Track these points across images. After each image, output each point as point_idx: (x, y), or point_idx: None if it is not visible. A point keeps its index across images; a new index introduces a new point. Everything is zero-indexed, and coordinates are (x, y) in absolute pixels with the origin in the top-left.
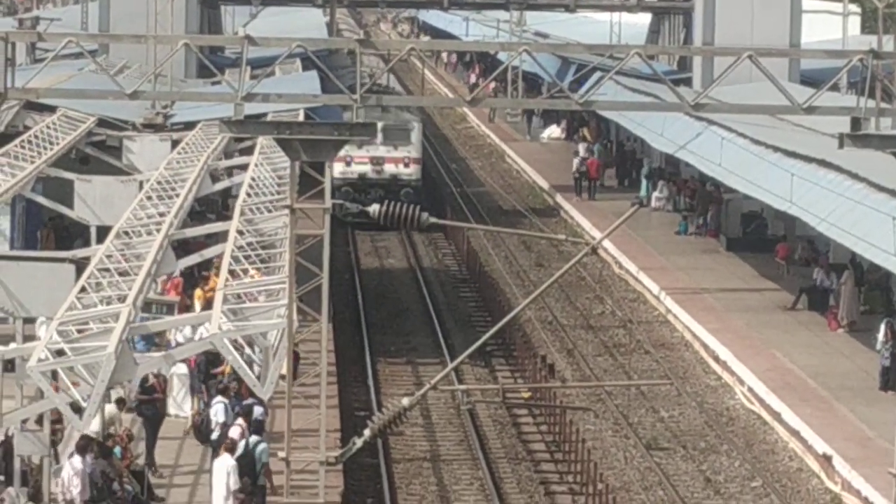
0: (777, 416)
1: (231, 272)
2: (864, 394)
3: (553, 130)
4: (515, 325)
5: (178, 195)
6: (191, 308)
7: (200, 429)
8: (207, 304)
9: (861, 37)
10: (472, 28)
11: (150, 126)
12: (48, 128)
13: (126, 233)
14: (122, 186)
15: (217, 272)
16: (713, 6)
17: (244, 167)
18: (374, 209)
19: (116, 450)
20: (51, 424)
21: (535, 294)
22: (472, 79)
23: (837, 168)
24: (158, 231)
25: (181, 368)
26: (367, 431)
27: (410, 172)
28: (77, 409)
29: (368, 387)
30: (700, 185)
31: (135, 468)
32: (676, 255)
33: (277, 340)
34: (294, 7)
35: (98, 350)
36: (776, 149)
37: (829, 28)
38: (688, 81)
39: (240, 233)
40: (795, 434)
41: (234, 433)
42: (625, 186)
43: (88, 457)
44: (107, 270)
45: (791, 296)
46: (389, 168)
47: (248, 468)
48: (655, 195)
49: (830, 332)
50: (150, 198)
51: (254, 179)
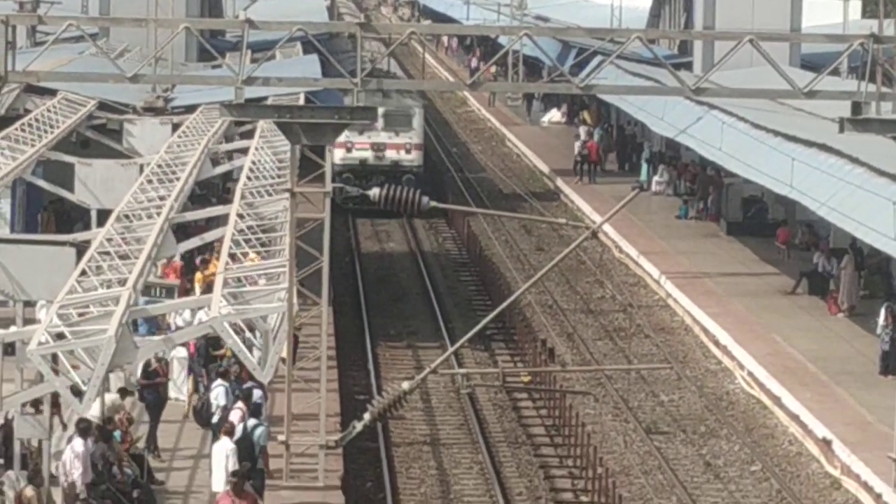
0: (777, 401)
1: (231, 255)
2: (864, 378)
3: (553, 114)
4: (515, 309)
5: (179, 179)
6: (191, 291)
7: (201, 412)
8: (208, 288)
9: (862, 21)
10: (473, 12)
11: (151, 109)
12: (49, 111)
13: (126, 216)
14: (123, 170)
15: (217, 256)
16: None
17: (245, 151)
18: (375, 193)
19: (116, 433)
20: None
21: (536, 278)
22: (473, 63)
23: (838, 152)
24: (159, 214)
25: (181, 352)
26: (367, 415)
27: (412, 158)
28: (77, 393)
29: (368, 370)
30: (700, 170)
31: (134, 452)
32: (677, 240)
33: (277, 324)
34: None
35: (98, 333)
36: (777, 133)
37: (830, 12)
38: (688, 65)
39: (240, 216)
40: (795, 418)
41: (235, 417)
42: (625, 170)
43: (89, 440)
44: (107, 254)
45: (791, 280)
46: (391, 154)
47: (247, 452)
48: (656, 179)
49: (830, 317)
50: (151, 181)
51: (254, 163)
